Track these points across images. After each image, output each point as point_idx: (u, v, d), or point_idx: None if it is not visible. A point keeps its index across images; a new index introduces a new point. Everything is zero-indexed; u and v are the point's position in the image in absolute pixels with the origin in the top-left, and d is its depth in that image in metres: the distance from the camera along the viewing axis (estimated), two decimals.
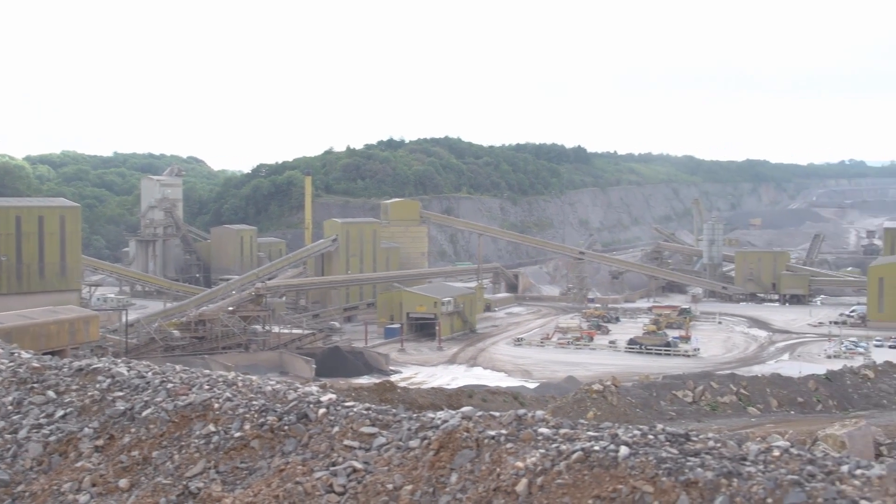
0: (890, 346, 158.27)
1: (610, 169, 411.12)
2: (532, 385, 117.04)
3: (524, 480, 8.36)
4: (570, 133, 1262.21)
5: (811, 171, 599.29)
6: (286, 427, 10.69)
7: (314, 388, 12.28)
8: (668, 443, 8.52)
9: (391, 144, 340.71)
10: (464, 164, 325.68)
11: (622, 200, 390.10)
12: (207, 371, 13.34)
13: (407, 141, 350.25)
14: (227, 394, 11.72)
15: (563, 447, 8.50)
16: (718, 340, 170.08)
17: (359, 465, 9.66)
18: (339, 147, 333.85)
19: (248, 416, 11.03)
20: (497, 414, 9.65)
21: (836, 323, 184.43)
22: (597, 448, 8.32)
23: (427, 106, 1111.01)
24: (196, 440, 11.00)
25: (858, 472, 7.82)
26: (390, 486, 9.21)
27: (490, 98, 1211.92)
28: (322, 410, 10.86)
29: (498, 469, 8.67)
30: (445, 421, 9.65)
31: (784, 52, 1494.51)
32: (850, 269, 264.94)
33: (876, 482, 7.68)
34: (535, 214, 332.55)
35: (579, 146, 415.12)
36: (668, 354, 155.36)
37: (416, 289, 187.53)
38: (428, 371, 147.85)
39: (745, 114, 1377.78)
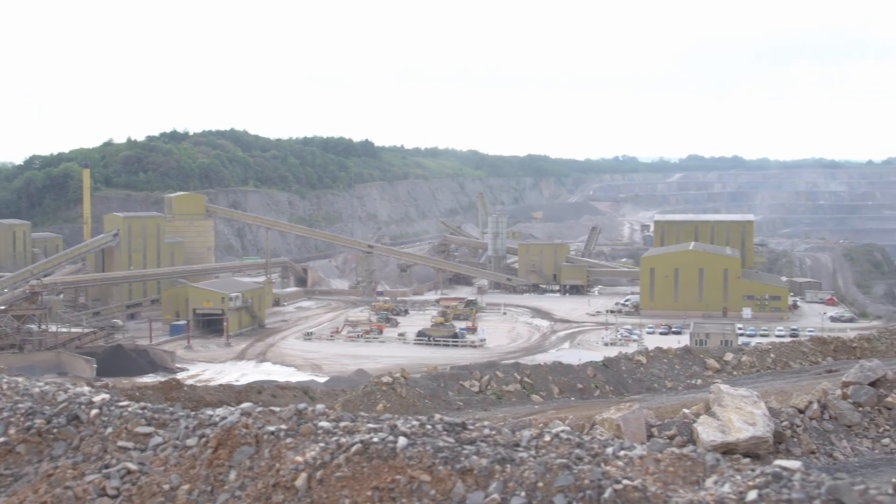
0: (661, 333, 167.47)
1: (397, 163, 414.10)
2: (322, 379, 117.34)
3: (303, 475, 8.30)
4: (358, 127, 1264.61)
5: (588, 166, 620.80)
6: (55, 430, 10.20)
7: (86, 389, 11.76)
8: (445, 432, 8.66)
9: (174, 136, 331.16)
10: (250, 158, 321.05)
11: (409, 194, 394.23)
12: None
13: (191, 133, 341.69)
14: None
15: (343, 440, 8.50)
16: (503, 331, 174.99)
17: (133, 467, 9.33)
18: (120, 138, 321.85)
19: (13, 419, 10.45)
20: (277, 409, 9.55)
21: (611, 312, 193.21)
22: (376, 440, 8.36)
23: (211, 97, 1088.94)
24: None
25: (622, 453, 8.20)
26: (167, 487, 8.96)
27: (276, 91, 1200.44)
28: (94, 411, 10.42)
29: (277, 464, 8.58)
30: (224, 418, 9.46)
31: (561, 51, 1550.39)
32: (624, 260, 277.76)
33: (637, 462, 8.07)
34: (324, 208, 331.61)
35: (367, 140, 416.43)
36: (456, 345, 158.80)
37: (202, 284, 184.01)
38: (216, 368, 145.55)
39: (526, 110, 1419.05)
